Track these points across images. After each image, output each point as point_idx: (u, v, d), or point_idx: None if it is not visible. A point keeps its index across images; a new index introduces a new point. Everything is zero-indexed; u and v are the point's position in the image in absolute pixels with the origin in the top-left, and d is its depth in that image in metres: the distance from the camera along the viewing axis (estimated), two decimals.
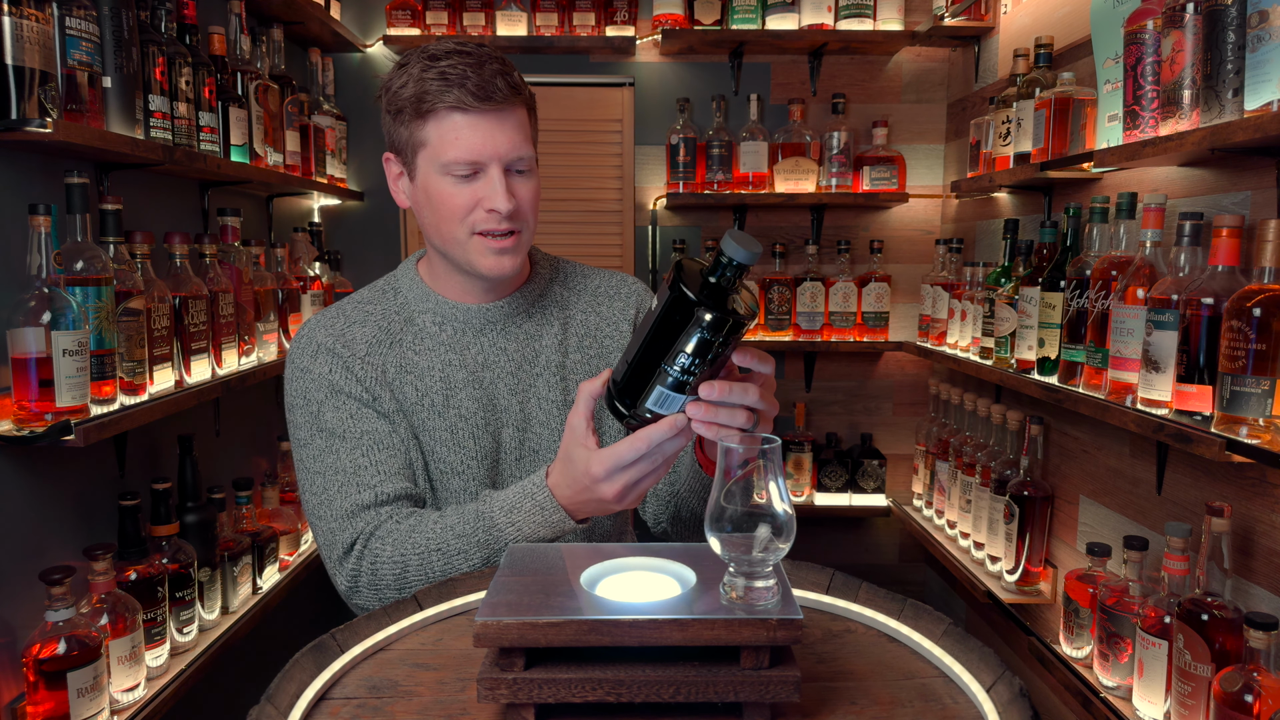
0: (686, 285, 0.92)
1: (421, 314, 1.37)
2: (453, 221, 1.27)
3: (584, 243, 3.14)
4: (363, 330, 1.35)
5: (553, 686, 0.80)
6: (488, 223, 1.25)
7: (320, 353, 1.33)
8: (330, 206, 3.12)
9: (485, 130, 1.23)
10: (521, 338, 1.38)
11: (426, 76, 1.22)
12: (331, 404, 1.30)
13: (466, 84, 1.21)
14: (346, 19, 3.05)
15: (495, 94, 1.22)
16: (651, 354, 0.96)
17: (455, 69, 1.21)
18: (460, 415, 1.33)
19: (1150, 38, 1.58)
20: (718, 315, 0.91)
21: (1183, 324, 1.48)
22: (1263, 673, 1.29)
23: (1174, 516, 1.80)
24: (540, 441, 1.35)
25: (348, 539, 1.24)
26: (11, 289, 1.50)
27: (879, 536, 3.31)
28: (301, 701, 0.85)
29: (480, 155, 1.23)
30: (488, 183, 1.25)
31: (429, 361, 1.34)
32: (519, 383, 1.36)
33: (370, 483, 1.25)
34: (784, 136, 3.03)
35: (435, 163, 1.25)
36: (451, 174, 1.25)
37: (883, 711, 0.84)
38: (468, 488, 1.33)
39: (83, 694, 1.41)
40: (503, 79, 1.23)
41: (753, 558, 0.82)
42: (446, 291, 1.37)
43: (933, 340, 2.76)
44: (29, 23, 1.37)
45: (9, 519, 1.56)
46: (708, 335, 0.92)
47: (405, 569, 1.19)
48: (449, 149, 1.23)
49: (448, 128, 1.23)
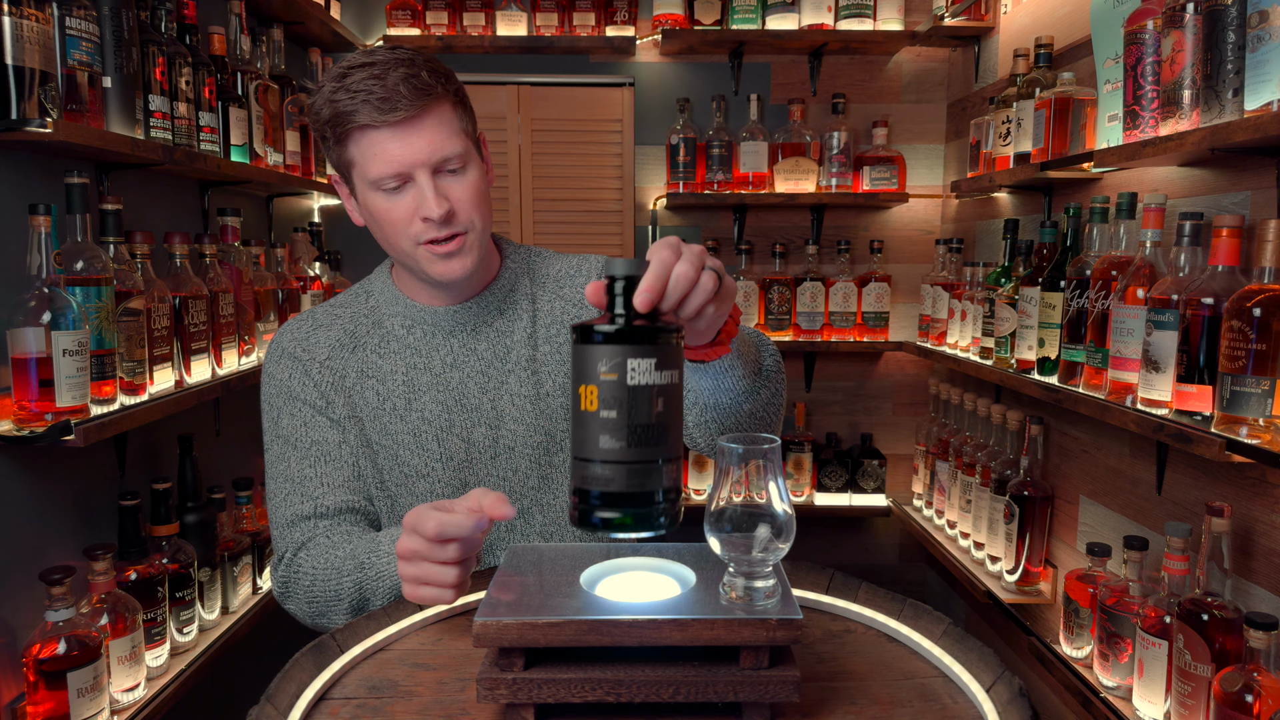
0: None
1: (390, 317, 1.37)
2: (396, 235, 1.25)
3: (584, 243, 3.14)
4: (327, 334, 1.36)
5: (552, 686, 0.80)
6: (427, 232, 1.23)
7: (283, 358, 1.35)
8: (330, 206, 3.12)
9: (401, 139, 1.20)
10: (492, 336, 1.36)
11: (336, 96, 1.19)
12: (288, 410, 1.33)
13: (371, 98, 1.18)
14: (346, 19, 3.05)
15: (400, 103, 1.18)
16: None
17: (360, 84, 1.18)
18: (423, 418, 1.32)
19: (1150, 38, 1.58)
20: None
21: (1183, 324, 1.48)
22: (1263, 673, 1.29)
23: (1174, 516, 1.80)
24: (515, 438, 1.33)
25: (283, 547, 1.28)
26: (11, 289, 1.50)
27: (879, 536, 3.31)
28: (301, 702, 0.86)
29: (401, 165, 1.20)
30: (417, 192, 1.22)
31: (392, 365, 1.34)
32: (490, 381, 1.35)
33: (313, 494, 1.29)
34: (784, 136, 3.03)
35: (365, 180, 1.23)
36: (382, 189, 1.23)
37: (882, 711, 0.84)
38: (434, 490, 1.32)
39: (83, 694, 1.41)
40: (408, 84, 1.18)
41: (752, 558, 0.82)
42: (415, 295, 1.37)
43: (933, 340, 2.76)
44: (29, 23, 1.37)
45: (9, 519, 1.56)
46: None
47: (314, 583, 1.22)
48: (370, 165, 1.21)
49: (365, 145, 1.21)
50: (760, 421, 1.22)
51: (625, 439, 0.79)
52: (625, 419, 0.79)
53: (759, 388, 1.18)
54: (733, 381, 1.14)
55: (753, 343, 1.20)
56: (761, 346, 1.23)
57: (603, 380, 0.79)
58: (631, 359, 0.79)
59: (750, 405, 1.18)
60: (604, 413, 0.79)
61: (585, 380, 0.80)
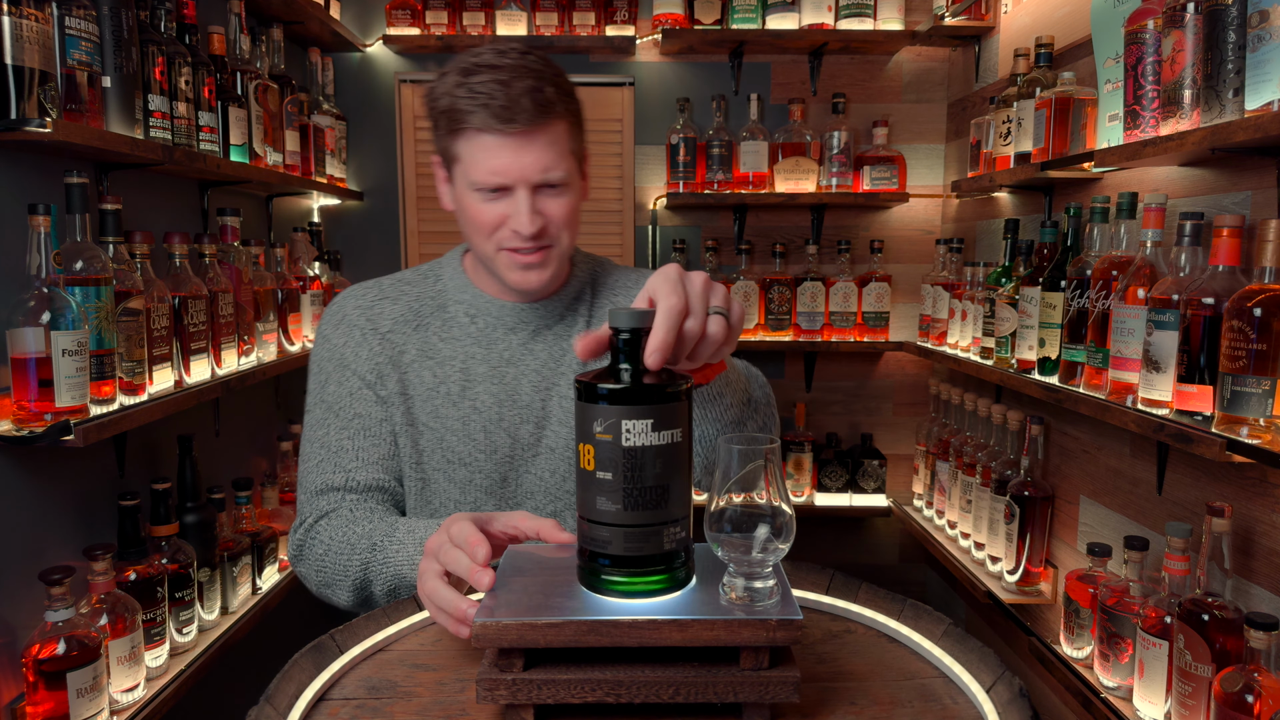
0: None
1: (456, 303, 1.38)
2: (481, 235, 1.27)
3: (584, 243, 3.09)
4: (393, 307, 1.37)
5: (552, 687, 0.80)
6: (512, 241, 1.26)
7: (342, 323, 1.36)
8: (330, 206, 3.12)
9: (511, 152, 1.21)
10: (550, 339, 1.38)
11: (457, 93, 1.20)
12: (337, 377, 1.34)
13: (492, 105, 1.18)
14: (346, 19, 3.05)
15: (520, 116, 1.19)
16: None
17: (484, 86, 1.18)
18: (475, 408, 1.34)
19: (1151, 37, 1.58)
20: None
21: (1183, 324, 1.48)
22: (1263, 673, 1.29)
23: (1174, 516, 1.80)
24: (557, 439, 1.35)
25: (306, 512, 1.29)
26: (11, 289, 1.50)
27: (879, 537, 3.31)
28: (301, 702, 0.85)
29: (505, 178, 1.22)
30: (513, 203, 1.24)
31: (452, 350, 1.36)
32: (543, 380, 1.36)
33: (346, 466, 1.29)
34: (784, 136, 3.03)
35: (466, 179, 1.25)
36: (479, 190, 1.24)
37: (882, 712, 0.84)
38: (472, 479, 1.33)
39: (82, 694, 1.41)
40: (531, 97, 1.19)
41: (752, 558, 0.82)
42: (485, 286, 1.38)
43: (933, 340, 2.76)
44: (29, 22, 1.37)
45: (9, 519, 1.56)
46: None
47: (326, 553, 1.24)
48: (475, 169, 1.23)
49: (476, 147, 1.22)
50: None
51: (622, 502, 0.77)
52: (622, 482, 0.76)
53: (746, 419, 1.19)
54: (719, 411, 1.15)
55: (742, 374, 1.21)
56: (751, 378, 1.25)
57: (598, 440, 0.76)
58: (627, 420, 0.76)
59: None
60: (600, 474, 0.77)
61: (584, 438, 0.78)
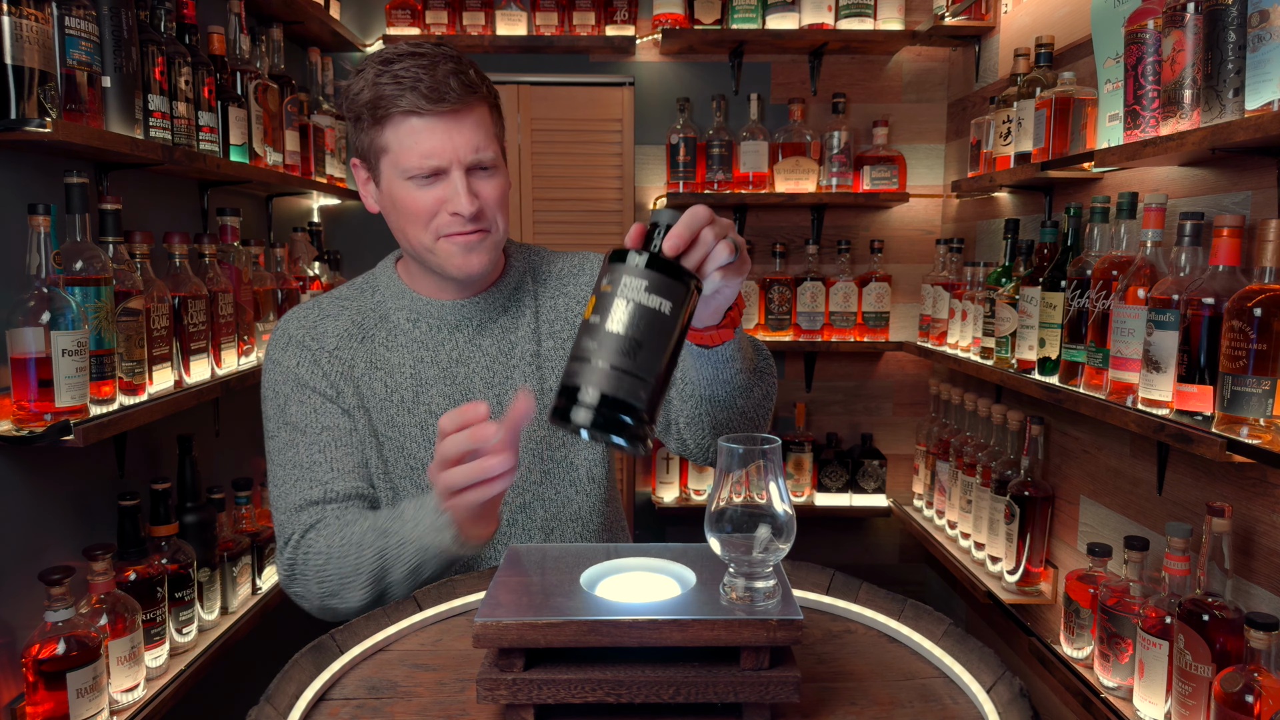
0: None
1: (396, 311, 1.38)
2: (418, 226, 1.27)
3: (584, 243, 3.14)
4: (335, 324, 1.37)
5: (552, 687, 0.80)
6: (452, 225, 1.25)
7: (290, 345, 1.36)
8: (330, 206, 3.12)
9: (442, 132, 1.22)
10: (497, 332, 1.38)
11: (380, 81, 1.21)
12: (297, 398, 1.33)
13: (419, 86, 1.19)
14: (346, 18, 3.05)
15: (449, 95, 1.20)
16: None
17: (408, 71, 1.20)
18: (430, 411, 1.34)
19: (1151, 37, 1.58)
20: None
21: (1183, 324, 1.48)
22: (1263, 673, 1.29)
23: (1174, 516, 1.80)
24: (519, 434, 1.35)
25: (290, 530, 1.27)
26: (11, 289, 1.50)
27: (879, 537, 3.31)
28: (301, 702, 0.85)
29: (439, 159, 1.22)
30: (449, 185, 1.24)
31: (400, 358, 1.35)
32: (494, 376, 1.36)
33: (323, 479, 1.28)
34: (784, 136, 3.03)
35: (396, 168, 1.24)
36: (413, 178, 1.24)
37: (883, 712, 0.84)
38: None
39: (82, 694, 1.41)
40: (456, 79, 1.21)
41: (752, 558, 0.82)
42: (422, 289, 1.38)
43: (933, 340, 2.76)
44: (28, 22, 1.37)
45: (9, 519, 1.56)
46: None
47: (327, 561, 1.22)
48: (406, 155, 1.23)
49: (405, 132, 1.22)
50: (751, 421, 1.25)
51: (599, 340, 0.83)
52: (604, 324, 0.83)
53: (753, 385, 1.21)
54: (731, 374, 1.16)
55: (750, 343, 1.24)
56: (757, 348, 1.27)
57: (602, 292, 0.85)
58: (628, 277, 0.84)
59: (744, 402, 1.21)
60: (593, 318, 0.84)
61: (593, 292, 0.87)
